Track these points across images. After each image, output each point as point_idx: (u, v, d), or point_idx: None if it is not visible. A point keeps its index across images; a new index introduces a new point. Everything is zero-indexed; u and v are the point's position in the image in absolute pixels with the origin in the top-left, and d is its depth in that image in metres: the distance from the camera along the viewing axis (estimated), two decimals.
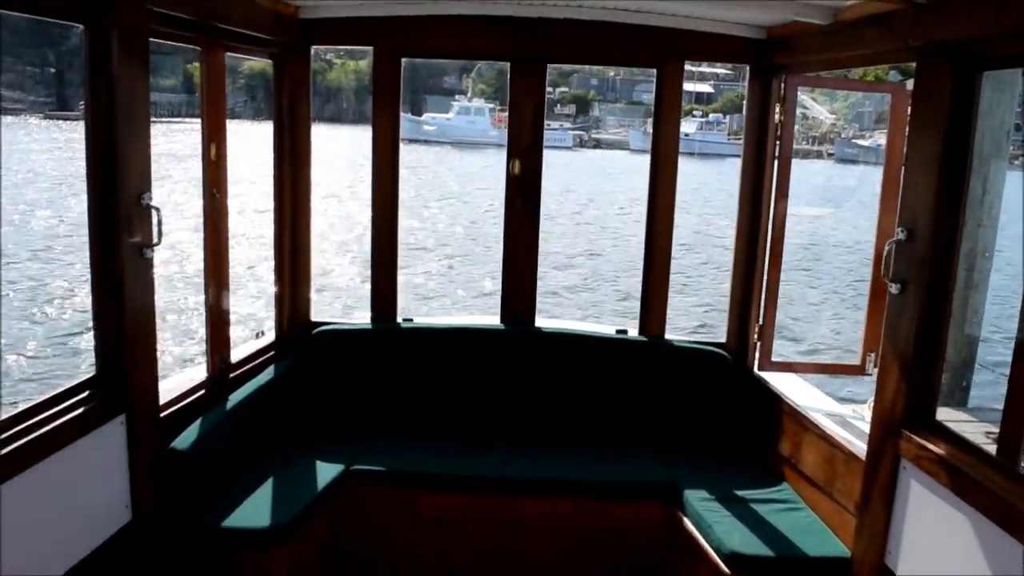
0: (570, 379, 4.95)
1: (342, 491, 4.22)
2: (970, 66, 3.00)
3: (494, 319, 5.23)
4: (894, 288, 3.28)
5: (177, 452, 3.64)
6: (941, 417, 3.27)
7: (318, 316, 5.21)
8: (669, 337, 5.09)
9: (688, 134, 55.03)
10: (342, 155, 38.68)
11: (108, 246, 3.18)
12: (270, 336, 5.00)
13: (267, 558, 3.68)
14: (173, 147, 29.20)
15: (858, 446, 3.75)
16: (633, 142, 64.83)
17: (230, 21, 4.04)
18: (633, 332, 5.12)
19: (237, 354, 4.59)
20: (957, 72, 3.01)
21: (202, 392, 4.15)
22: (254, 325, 5.36)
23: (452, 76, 79.63)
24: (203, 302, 4.39)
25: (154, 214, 3.33)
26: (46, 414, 2.99)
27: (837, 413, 4.51)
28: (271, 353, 4.88)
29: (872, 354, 4.54)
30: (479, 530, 4.32)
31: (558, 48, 4.89)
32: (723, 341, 5.06)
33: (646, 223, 5.03)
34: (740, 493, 4.18)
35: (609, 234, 27.07)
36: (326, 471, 4.23)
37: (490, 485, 4.30)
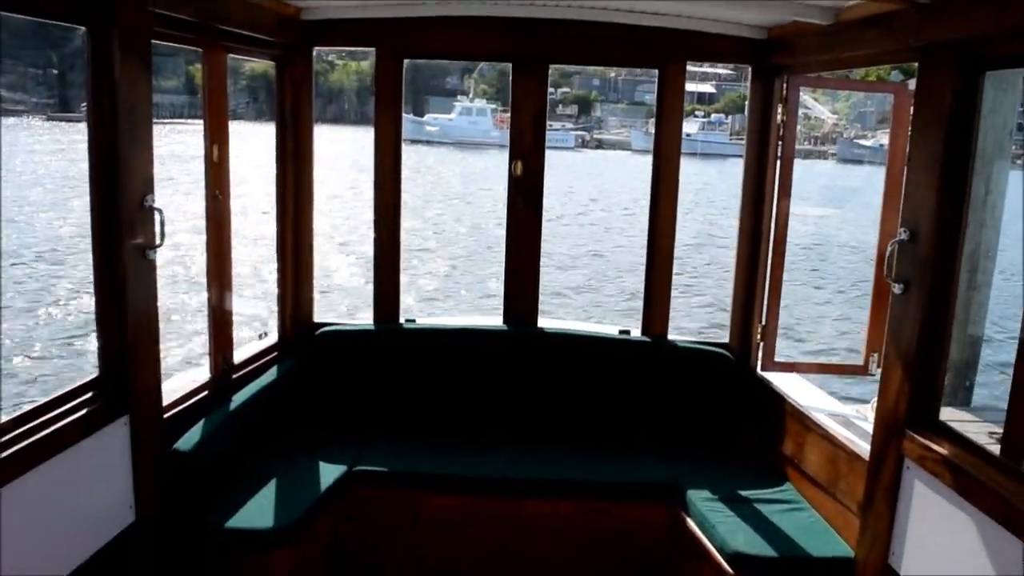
0: (573, 380, 4.95)
1: (345, 492, 4.22)
2: (972, 66, 2.99)
3: (497, 320, 5.24)
4: (897, 288, 3.28)
5: (180, 453, 3.65)
6: (944, 417, 3.27)
7: (327, 317, 5.23)
8: (672, 337, 5.09)
9: (690, 134, 54.99)
10: (345, 155, 38.68)
11: (111, 248, 3.19)
12: (273, 337, 5.01)
13: (270, 559, 3.69)
14: (175, 148, 29.21)
15: (861, 446, 3.75)
16: (635, 142, 64.78)
17: (232, 22, 4.04)
18: (636, 332, 5.12)
19: (240, 355, 4.60)
20: (959, 72, 3.00)
21: (205, 393, 4.16)
22: (259, 326, 5.37)
23: (454, 77, 79.59)
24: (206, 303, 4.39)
25: (156, 216, 3.34)
26: (50, 415, 3.00)
27: (840, 413, 4.50)
28: (274, 354, 4.88)
29: (875, 354, 4.54)
30: (482, 531, 4.32)
31: (560, 49, 4.89)
32: (726, 341, 5.06)
33: (648, 223, 5.03)
34: (743, 493, 4.18)
35: (614, 234, 27.03)
36: (329, 472, 4.23)
37: (493, 486, 4.30)
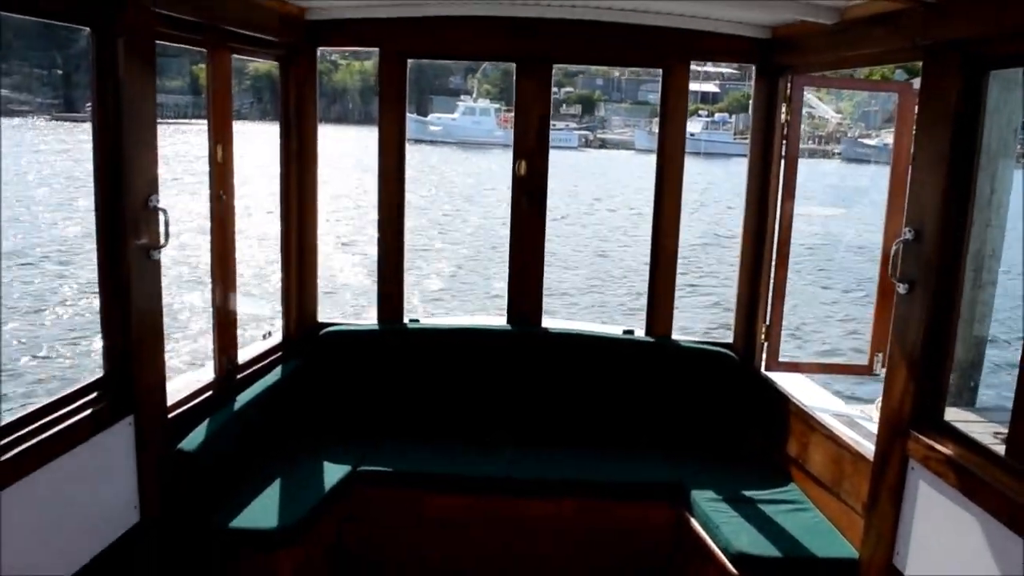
0: (576, 380, 4.94)
1: (349, 492, 4.23)
2: (977, 65, 2.98)
3: (500, 320, 5.24)
4: (902, 288, 3.27)
5: (184, 453, 3.66)
6: (949, 417, 3.26)
7: (336, 315, 5.22)
8: (676, 337, 5.09)
9: (694, 134, 54.96)
10: (349, 154, 38.70)
11: (115, 248, 3.19)
12: (277, 337, 5.01)
13: (274, 559, 3.69)
14: (179, 148, 29.25)
15: (866, 446, 3.74)
16: (639, 142, 64.72)
17: (236, 23, 4.04)
18: (640, 332, 5.11)
19: (244, 355, 4.60)
20: (964, 71, 2.99)
21: (209, 393, 4.16)
22: (267, 327, 5.38)
23: (457, 76, 79.61)
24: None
25: (161, 216, 3.34)
26: (55, 415, 3.00)
27: (844, 413, 4.49)
28: (278, 354, 4.89)
29: (880, 354, 4.53)
30: (485, 531, 4.32)
31: (564, 48, 4.88)
32: (730, 341, 5.06)
33: (652, 223, 5.02)
34: (747, 493, 4.17)
35: (620, 234, 27.00)
36: (333, 472, 4.24)
37: (496, 486, 4.30)
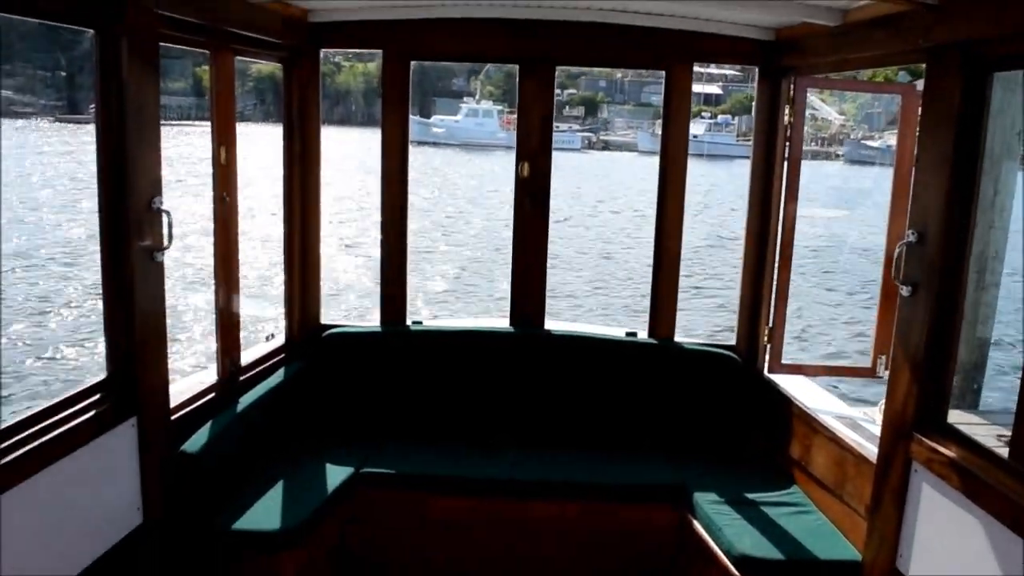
0: (579, 382, 4.94)
1: (352, 494, 4.23)
2: (980, 67, 2.98)
3: (503, 321, 5.24)
4: (905, 290, 3.26)
5: (187, 455, 3.66)
6: (952, 420, 3.25)
7: (340, 318, 5.22)
8: (679, 339, 5.08)
9: (697, 136, 54.88)
10: (352, 156, 38.73)
11: (119, 249, 3.20)
12: (280, 339, 5.02)
13: (277, 561, 3.69)
14: (183, 150, 29.29)
15: (869, 449, 3.73)
16: (642, 144, 64.63)
17: (239, 25, 4.05)
18: (643, 335, 5.11)
19: (247, 357, 4.60)
20: (967, 73, 2.99)
21: (212, 395, 4.16)
22: (270, 328, 5.40)
23: (460, 78, 79.63)
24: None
25: (164, 218, 3.35)
26: (58, 417, 3.01)
27: (847, 416, 4.48)
28: (281, 356, 4.89)
29: (884, 356, 4.52)
30: (488, 533, 4.32)
31: (567, 50, 4.88)
32: (733, 343, 5.05)
33: (655, 225, 5.02)
34: (750, 496, 4.17)
35: (623, 236, 27.00)
36: (336, 474, 4.24)
37: (499, 488, 4.30)
